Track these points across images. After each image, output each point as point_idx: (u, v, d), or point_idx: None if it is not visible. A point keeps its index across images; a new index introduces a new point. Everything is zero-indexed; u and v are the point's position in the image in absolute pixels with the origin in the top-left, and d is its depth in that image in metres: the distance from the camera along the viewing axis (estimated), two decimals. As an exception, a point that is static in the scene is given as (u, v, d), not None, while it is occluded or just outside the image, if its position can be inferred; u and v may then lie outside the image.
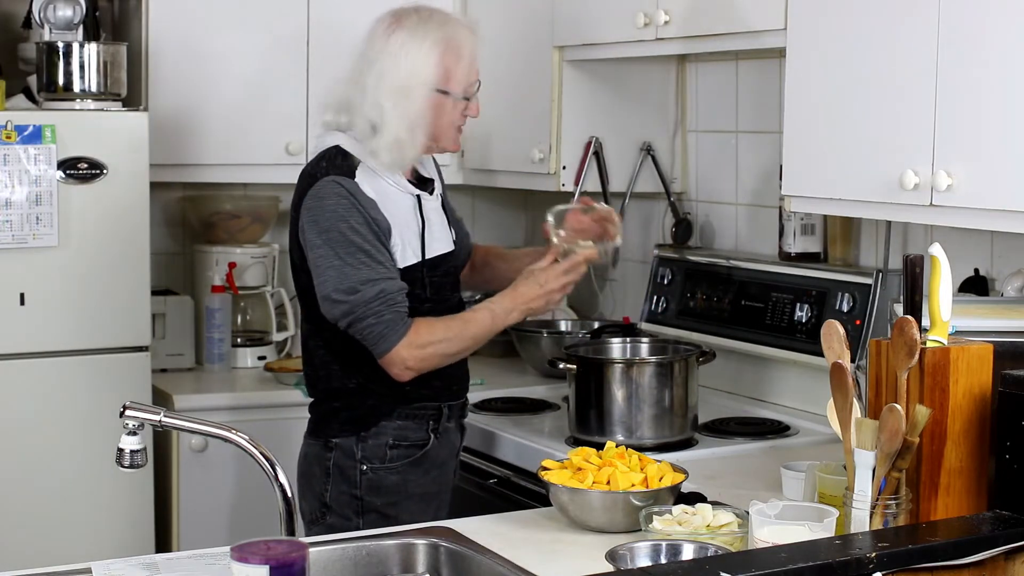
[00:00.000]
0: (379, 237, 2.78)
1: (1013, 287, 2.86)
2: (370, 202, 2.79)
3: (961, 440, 2.17)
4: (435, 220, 2.93)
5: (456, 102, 2.89)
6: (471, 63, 2.90)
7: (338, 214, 2.77)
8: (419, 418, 2.91)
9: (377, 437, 2.87)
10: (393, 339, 2.76)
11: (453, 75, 2.87)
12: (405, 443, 2.89)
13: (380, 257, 2.77)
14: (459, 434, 3.04)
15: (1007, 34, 2.47)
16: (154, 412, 2.15)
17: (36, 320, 3.55)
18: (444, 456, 2.97)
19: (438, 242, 2.92)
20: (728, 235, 3.85)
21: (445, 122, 2.89)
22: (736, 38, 3.20)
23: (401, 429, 2.89)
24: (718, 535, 2.23)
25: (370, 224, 2.78)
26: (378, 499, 2.86)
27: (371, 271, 2.75)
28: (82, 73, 3.64)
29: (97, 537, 3.57)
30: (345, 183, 2.79)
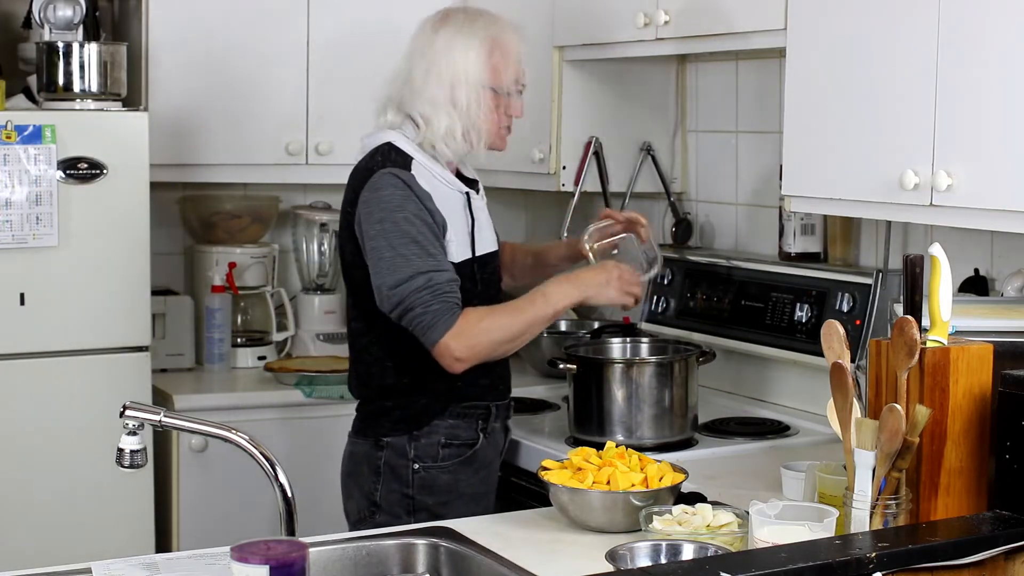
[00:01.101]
0: (432, 229, 2.81)
1: (1013, 287, 2.86)
2: (425, 194, 2.83)
3: (961, 440, 2.17)
4: (483, 219, 2.97)
5: (503, 99, 2.93)
6: (518, 62, 2.95)
7: (393, 204, 2.80)
8: (469, 417, 2.93)
9: (429, 436, 2.89)
10: (441, 329, 2.77)
11: (501, 73, 2.92)
12: (456, 442, 2.91)
13: (431, 248, 2.79)
14: (504, 435, 3.06)
15: (1007, 34, 2.47)
16: (154, 412, 2.15)
17: (36, 320, 3.55)
18: (491, 456, 3.00)
19: (487, 240, 2.97)
20: (728, 235, 3.85)
21: (492, 120, 2.93)
22: (736, 38, 3.20)
23: (453, 428, 2.91)
24: (718, 535, 2.23)
25: (424, 215, 2.81)
26: (430, 498, 2.87)
27: (421, 262, 2.77)
28: (82, 73, 3.64)
29: (97, 537, 3.57)
30: (402, 175, 2.83)
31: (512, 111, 2.97)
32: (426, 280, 2.76)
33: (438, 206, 2.85)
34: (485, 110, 2.91)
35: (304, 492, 2.75)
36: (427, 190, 2.84)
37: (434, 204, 2.84)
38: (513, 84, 2.95)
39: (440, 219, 2.84)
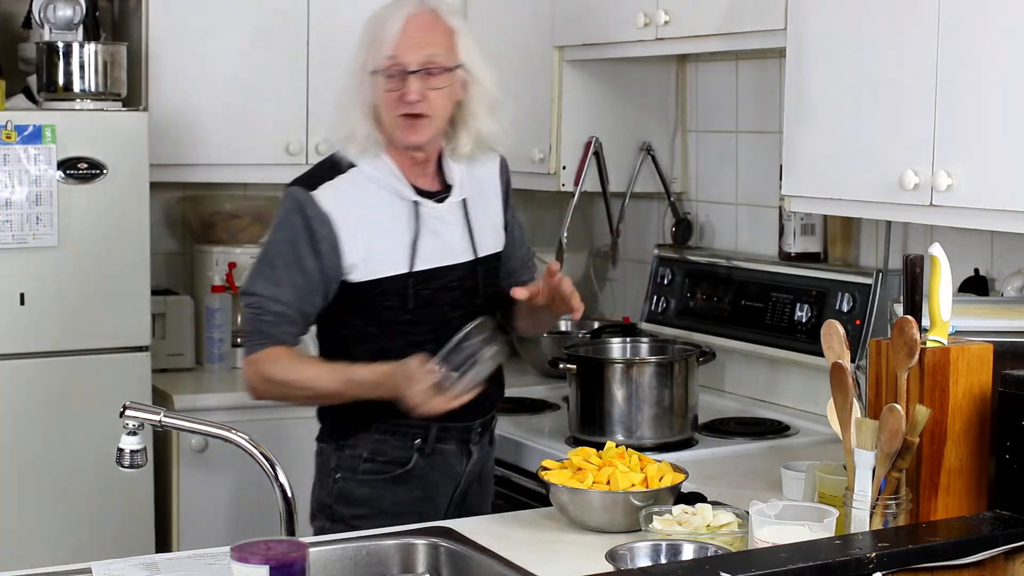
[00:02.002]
0: (300, 261, 2.69)
1: (1013, 287, 2.86)
2: (321, 217, 2.69)
3: (961, 440, 2.17)
4: (438, 230, 2.79)
5: (380, 80, 2.70)
6: (390, 34, 2.70)
7: (276, 223, 2.75)
8: (401, 435, 2.78)
9: (354, 448, 2.80)
10: (247, 350, 2.75)
11: (372, 52, 2.72)
12: (381, 459, 2.79)
13: (282, 276, 2.70)
14: (463, 459, 2.86)
15: (1007, 34, 2.47)
16: (154, 412, 2.15)
17: (36, 320, 3.55)
18: (436, 480, 2.82)
19: (437, 253, 2.79)
20: (728, 235, 3.85)
21: (382, 106, 2.73)
22: (736, 38, 3.21)
23: (379, 443, 2.78)
24: (718, 535, 2.23)
25: (296, 242, 2.69)
26: (346, 510, 2.79)
27: (264, 284, 2.71)
28: (82, 73, 3.64)
29: (97, 537, 3.57)
30: (299, 195, 2.72)
31: (404, 95, 2.70)
32: (256, 302, 2.72)
33: (347, 226, 2.70)
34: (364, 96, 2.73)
35: (304, 492, 2.75)
36: (330, 211, 2.69)
37: (332, 227, 2.69)
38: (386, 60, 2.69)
39: (335, 244, 2.69)
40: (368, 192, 2.76)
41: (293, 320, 2.73)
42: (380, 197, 2.77)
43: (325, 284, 2.74)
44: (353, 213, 2.73)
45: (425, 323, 2.78)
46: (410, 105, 2.70)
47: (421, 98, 2.71)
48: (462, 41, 2.79)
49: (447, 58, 2.75)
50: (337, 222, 2.71)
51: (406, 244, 2.76)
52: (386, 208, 2.77)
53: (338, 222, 2.71)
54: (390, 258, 2.75)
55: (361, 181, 2.76)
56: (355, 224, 2.73)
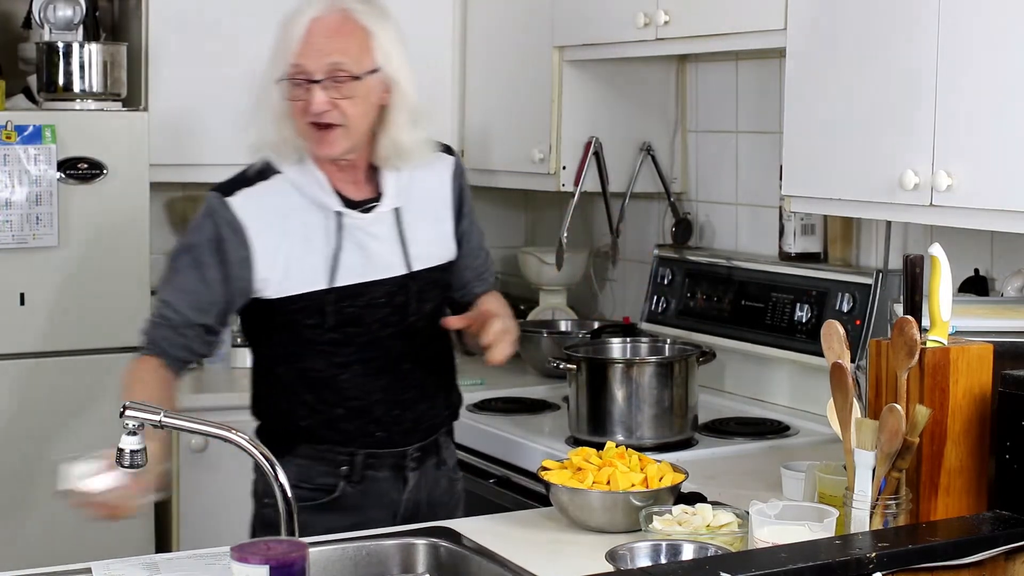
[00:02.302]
0: (200, 267, 2.55)
1: (1013, 287, 2.86)
2: (234, 225, 2.55)
3: (961, 440, 2.17)
4: (363, 242, 2.60)
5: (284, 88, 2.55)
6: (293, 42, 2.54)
7: (190, 227, 2.63)
8: (326, 462, 2.64)
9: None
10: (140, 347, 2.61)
11: (277, 57, 2.56)
12: (307, 485, 2.60)
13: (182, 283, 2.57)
14: (401, 486, 2.68)
15: (1007, 34, 2.47)
16: (154, 412, 2.15)
17: (36, 320, 3.55)
18: (370, 508, 2.65)
19: (361, 268, 2.60)
20: (728, 235, 3.85)
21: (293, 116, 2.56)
22: (736, 38, 3.20)
23: (305, 469, 2.61)
24: (718, 535, 2.23)
25: (200, 249, 2.56)
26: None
27: (163, 286, 2.60)
28: (82, 73, 3.65)
29: (97, 537, 3.56)
30: (213, 202, 2.58)
31: (309, 105, 2.52)
32: (157, 304, 2.60)
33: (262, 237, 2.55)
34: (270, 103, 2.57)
35: (304, 492, 2.75)
36: (245, 220, 2.55)
37: (247, 236, 2.54)
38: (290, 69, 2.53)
39: (245, 255, 2.54)
40: (289, 201, 2.59)
41: (180, 331, 2.57)
42: (301, 206, 2.59)
43: (228, 297, 2.58)
44: (270, 223, 2.57)
45: (352, 343, 2.62)
46: (316, 116, 2.53)
47: (328, 108, 2.52)
48: (378, 44, 2.58)
49: (356, 65, 2.54)
50: (251, 232, 2.55)
51: (326, 258, 2.58)
52: (306, 219, 2.59)
53: (252, 232, 2.55)
54: (308, 273, 2.57)
55: (284, 189, 2.60)
56: (272, 235, 2.56)
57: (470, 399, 3.65)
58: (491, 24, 4.07)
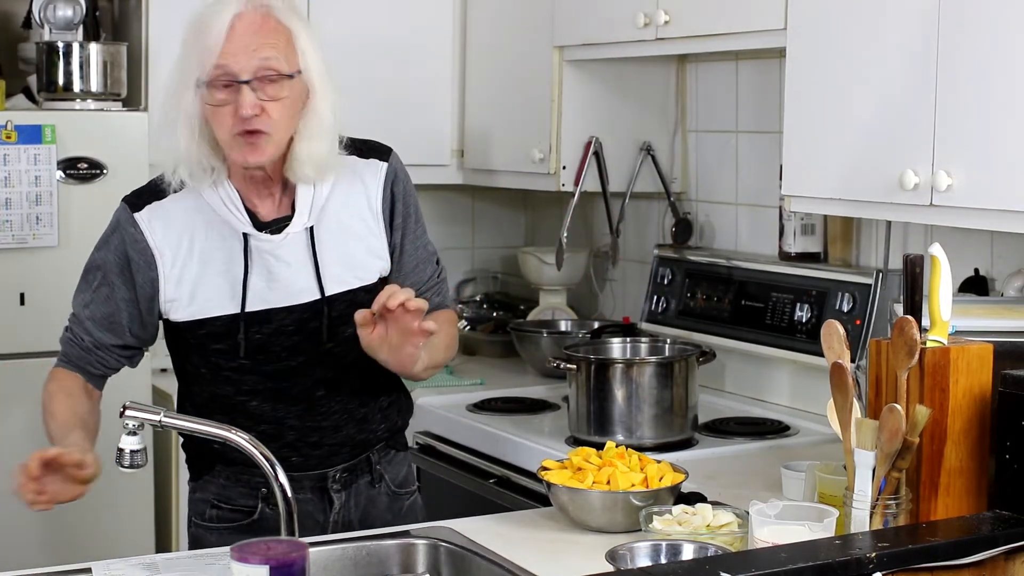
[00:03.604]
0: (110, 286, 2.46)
1: (1013, 287, 2.86)
2: (139, 243, 2.43)
3: (961, 440, 2.17)
4: (272, 267, 2.43)
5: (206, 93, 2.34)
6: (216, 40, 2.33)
7: (100, 239, 2.51)
8: (243, 483, 2.52)
9: (202, 491, 2.56)
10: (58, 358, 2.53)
11: (196, 59, 2.35)
12: (228, 506, 2.53)
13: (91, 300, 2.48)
14: (324, 507, 2.55)
15: (1007, 34, 2.47)
16: (154, 412, 2.15)
17: (36, 320, 3.54)
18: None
19: (269, 293, 2.44)
20: (728, 235, 3.85)
21: (215, 123, 2.36)
22: (736, 38, 3.20)
23: (224, 489, 2.53)
24: (718, 535, 2.23)
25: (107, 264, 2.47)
26: None
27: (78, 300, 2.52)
28: (82, 73, 3.65)
29: (97, 537, 3.57)
30: (121, 215, 2.46)
31: (239, 108, 2.32)
32: (71, 316, 2.53)
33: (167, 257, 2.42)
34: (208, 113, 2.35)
35: (304, 492, 2.75)
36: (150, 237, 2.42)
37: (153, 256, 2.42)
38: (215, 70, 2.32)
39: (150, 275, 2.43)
40: (198, 219, 2.43)
41: (94, 352, 2.49)
42: (209, 224, 2.43)
43: (140, 317, 2.49)
44: (177, 242, 2.43)
45: (258, 371, 2.48)
46: (245, 121, 2.32)
47: (258, 111, 2.33)
48: (300, 44, 2.40)
49: (286, 63, 2.36)
50: (156, 251, 2.43)
51: (236, 282, 2.42)
52: (216, 239, 2.43)
53: (158, 251, 2.43)
54: (217, 297, 2.43)
55: (194, 204, 2.43)
56: (179, 255, 2.43)
57: (470, 399, 3.66)
58: (491, 24, 4.07)
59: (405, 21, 4.05)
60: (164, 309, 2.47)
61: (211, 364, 2.49)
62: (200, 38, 2.35)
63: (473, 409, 3.55)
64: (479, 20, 4.12)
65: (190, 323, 2.46)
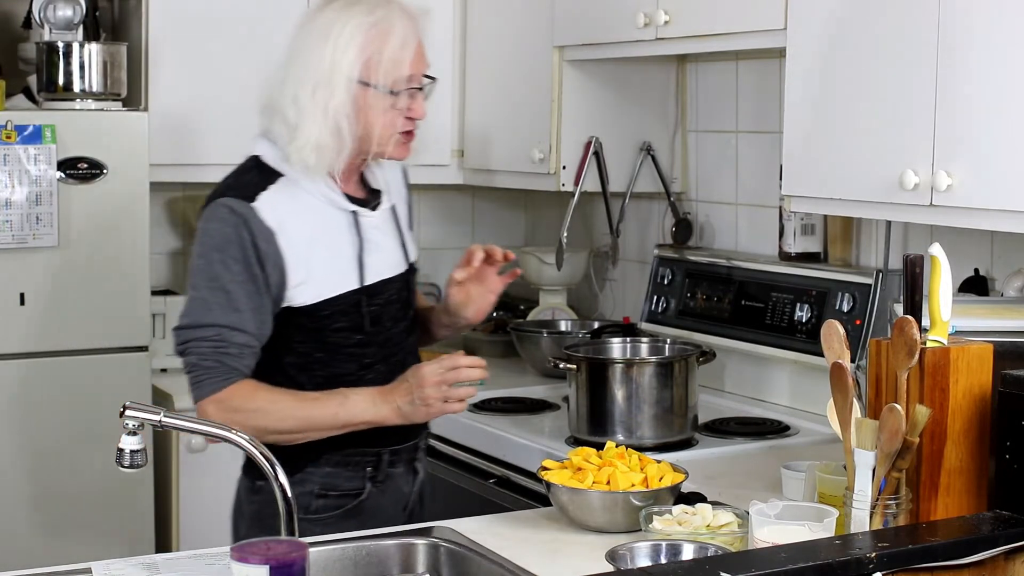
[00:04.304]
0: (255, 278, 2.47)
1: (1013, 287, 2.86)
2: (266, 232, 2.48)
3: (961, 440, 2.17)
4: (378, 240, 2.61)
5: (384, 97, 2.51)
6: (405, 52, 2.51)
7: (216, 242, 2.48)
8: (353, 465, 2.61)
9: (303, 484, 2.55)
10: (207, 389, 2.48)
11: (377, 65, 2.50)
12: (334, 493, 2.60)
13: (240, 301, 2.47)
14: (411, 479, 2.71)
15: (1007, 34, 2.47)
16: (154, 412, 2.15)
17: (36, 320, 3.55)
18: (386, 507, 2.65)
19: (384, 264, 2.61)
20: (728, 235, 3.85)
21: (378, 122, 2.52)
22: (736, 38, 3.20)
23: (330, 477, 2.59)
24: (718, 535, 2.23)
25: (250, 260, 2.47)
26: None
27: (221, 313, 2.47)
28: (82, 73, 3.65)
29: (97, 537, 3.57)
30: (239, 208, 2.48)
31: (411, 112, 2.54)
32: (215, 334, 2.47)
33: (289, 242, 2.49)
34: (363, 111, 2.51)
35: (304, 492, 2.75)
36: (271, 225, 2.48)
37: (276, 243, 2.48)
38: (398, 78, 2.51)
39: (279, 262, 2.48)
40: (303, 203, 2.54)
41: (255, 351, 2.51)
42: (317, 209, 2.55)
43: (269, 310, 2.52)
44: (296, 227, 2.51)
45: (374, 342, 2.61)
46: (413, 123, 2.57)
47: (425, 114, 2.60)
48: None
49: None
50: (280, 237, 2.50)
51: (352, 258, 2.56)
52: (325, 220, 2.55)
53: (280, 237, 2.50)
54: (340, 274, 2.55)
55: (295, 192, 2.54)
56: (299, 240, 2.51)
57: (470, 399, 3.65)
58: (491, 24, 4.07)
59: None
60: (289, 296, 2.52)
61: (329, 345, 2.57)
62: (384, 47, 2.50)
63: (473, 409, 3.55)
64: (479, 20, 4.12)
65: (313, 305, 2.53)
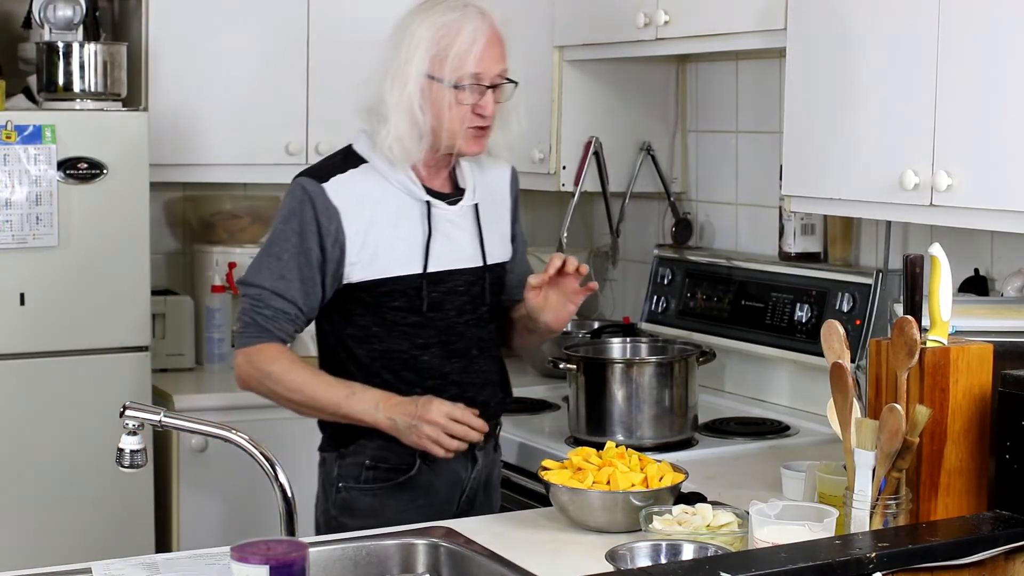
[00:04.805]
0: (308, 253, 2.67)
1: (1013, 287, 2.86)
2: (330, 210, 2.67)
3: (961, 440, 2.17)
4: (449, 232, 2.77)
5: (449, 91, 2.67)
6: (472, 50, 2.67)
7: (283, 215, 2.70)
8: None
9: (355, 455, 2.75)
10: (241, 341, 2.71)
11: (443, 60, 2.67)
12: (384, 465, 2.75)
13: (288, 271, 2.67)
14: (469, 465, 2.82)
15: (1007, 34, 2.47)
16: (154, 412, 2.15)
17: (36, 320, 3.55)
18: (440, 487, 2.78)
19: (448, 256, 2.76)
20: (728, 235, 3.85)
21: (446, 116, 2.68)
22: (736, 38, 3.21)
23: (381, 450, 2.73)
24: (718, 535, 2.23)
25: (304, 234, 2.67)
26: (351, 521, 2.71)
27: (267, 275, 2.68)
28: (82, 73, 3.64)
29: (97, 537, 3.57)
30: (309, 187, 2.69)
31: (479, 108, 2.70)
32: (258, 294, 2.68)
33: (353, 222, 2.67)
34: (440, 107, 2.68)
35: (304, 492, 2.75)
36: (339, 205, 2.67)
37: (340, 222, 2.67)
38: (463, 74, 2.67)
39: (339, 240, 2.67)
40: (380, 189, 2.73)
41: (292, 317, 2.70)
42: (392, 195, 2.73)
43: (326, 281, 2.70)
44: (363, 209, 2.70)
45: (432, 326, 2.76)
46: (483, 119, 2.72)
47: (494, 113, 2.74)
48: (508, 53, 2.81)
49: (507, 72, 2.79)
50: (344, 217, 2.68)
51: (418, 244, 2.73)
52: (398, 207, 2.73)
53: (345, 217, 2.68)
54: (402, 258, 2.72)
55: (373, 178, 2.73)
56: (363, 221, 2.69)
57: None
58: (491, 24, 4.07)
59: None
60: (347, 272, 2.70)
61: (386, 321, 2.74)
62: (453, 46, 2.67)
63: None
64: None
65: (371, 282, 2.71)
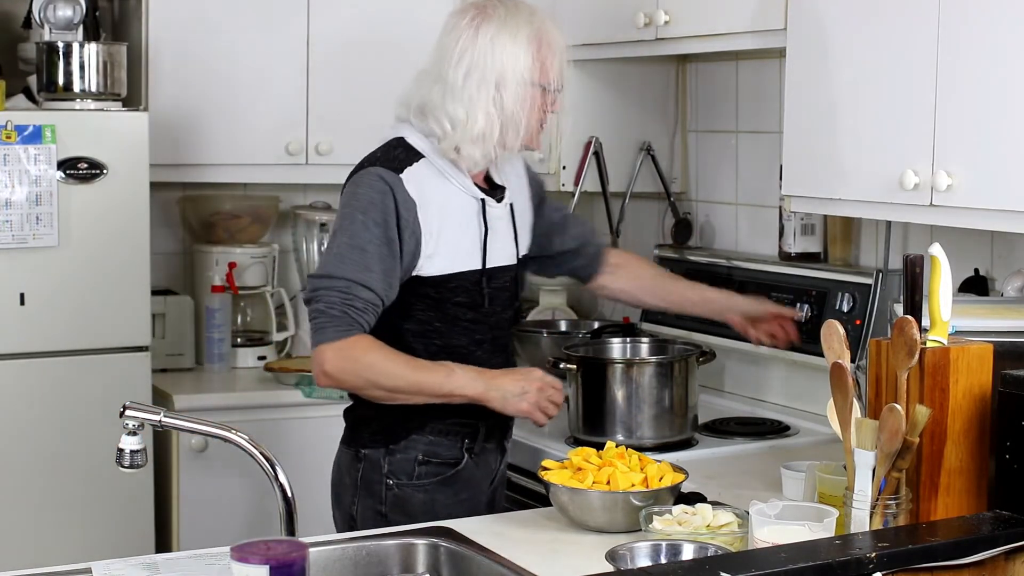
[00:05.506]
0: (390, 244, 2.67)
1: (1013, 287, 2.86)
2: (408, 202, 2.69)
3: (961, 440, 2.17)
4: (499, 229, 2.83)
5: (539, 94, 2.78)
6: (556, 56, 2.81)
7: (363, 204, 2.68)
8: (453, 435, 2.78)
9: (406, 451, 2.77)
10: (329, 335, 2.63)
11: (549, 70, 2.80)
12: (435, 460, 2.78)
13: (373, 262, 2.65)
14: (498, 457, 2.90)
15: (1007, 34, 2.47)
16: (154, 412, 2.15)
17: (36, 320, 3.55)
18: (478, 480, 2.84)
19: (500, 253, 2.83)
20: (728, 235, 3.85)
21: (532, 116, 2.79)
22: (736, 38, 3.20)
23: (432, 445, 2.77)
24: (718, 535, 2.23)
25: (390, 225, 2.67)
26: (403, 518, 2.71)
27: (353, 268, 2.64)
28: (82, 73, 3.64)
29: (97, 537, 3.57)
30: (388, 177, 2.70)
31: (555, 107, 2.83)
32: (345, 286, 2.64)
33: (428, 215, 2.71)
34: (529, 109, 2.77)
35: (304, 492, 2.75)
36: (414, 197, 2.70)
37: (416, 214, 2.70)
38: (559, 80, 2.82)
39: (416, 232, 2.70)
40: (440, 184, 2.76)
41: (378, 310, 2.68)
42: (453, 192, 2.77)
43: (403, 275, 2.72)
44: (432, 203, 2.73)
45: (486, 322, 2.83)
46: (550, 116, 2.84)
47: None
48: None
49: None
50: (420, 210, 2.71)
51: (478, 241, 2.79)
52: (460, 203, 2.78)
53: (421, 210, 2.71)
54: (465, 253, 2.77)
55: (432, 172, 2.75)
56: (434, 215, 2.72)
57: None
58: (491, 24, 4.07)
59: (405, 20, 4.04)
60: (420, 265, 2.73)
61: (448, 316, 2.78)
62: (550, 50, 2.80)
63: (473, 409, 3.55)
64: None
65: (441, 277, 2.76)
